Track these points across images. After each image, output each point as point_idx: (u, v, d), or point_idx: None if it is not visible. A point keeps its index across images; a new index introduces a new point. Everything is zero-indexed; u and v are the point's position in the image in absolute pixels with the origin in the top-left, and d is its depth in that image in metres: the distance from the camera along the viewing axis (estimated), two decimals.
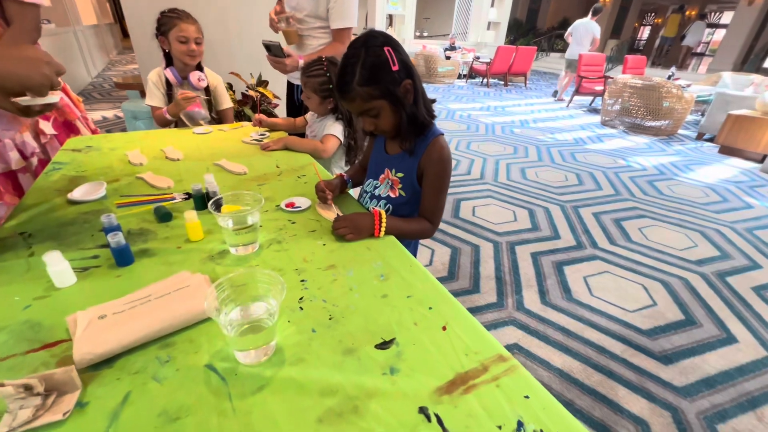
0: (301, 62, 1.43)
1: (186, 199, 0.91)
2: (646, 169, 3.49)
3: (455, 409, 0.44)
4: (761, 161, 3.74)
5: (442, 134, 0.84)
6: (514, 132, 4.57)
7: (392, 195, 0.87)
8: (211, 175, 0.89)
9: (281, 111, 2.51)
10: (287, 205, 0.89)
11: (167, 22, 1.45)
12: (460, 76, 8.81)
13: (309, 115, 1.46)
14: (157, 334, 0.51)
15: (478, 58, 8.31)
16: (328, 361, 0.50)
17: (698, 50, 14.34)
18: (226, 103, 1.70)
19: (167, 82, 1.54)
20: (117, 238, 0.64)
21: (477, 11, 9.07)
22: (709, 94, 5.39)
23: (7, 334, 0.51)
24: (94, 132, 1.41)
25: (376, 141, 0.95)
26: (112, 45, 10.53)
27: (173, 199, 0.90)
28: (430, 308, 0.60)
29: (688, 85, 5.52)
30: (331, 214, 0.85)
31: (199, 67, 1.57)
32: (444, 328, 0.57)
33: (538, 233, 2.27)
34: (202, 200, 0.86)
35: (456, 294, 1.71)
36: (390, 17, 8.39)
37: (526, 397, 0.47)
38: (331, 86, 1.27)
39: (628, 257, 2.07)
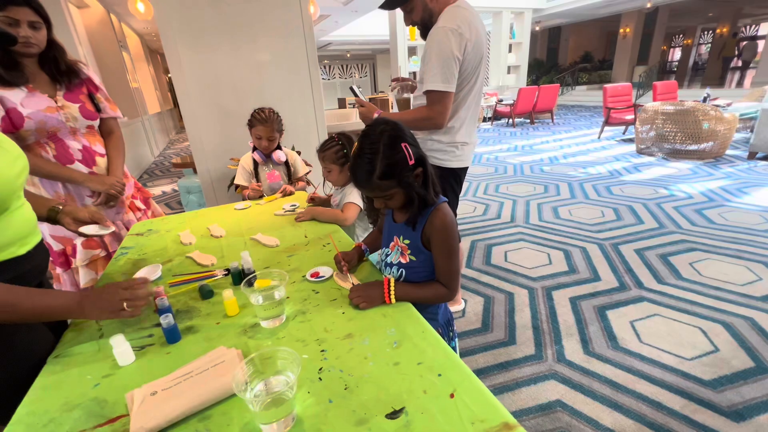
0: (376, 115, 1.48)
1: (225, 275, 1.03)
2: (692, 197, 3.29)
3: None
4: None
5: (445, 201, 0.91)
6: (543, 170, 4.54)
7: (403, 261, 0.93)
8: (247, 253, 1.01)
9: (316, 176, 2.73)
10: (312, 275, 0.99)
11: (252, 120, 1.84)
12: (485, 120, 9.03)
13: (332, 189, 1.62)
14: (197, 408, 0.59)
15: (500, 101, 8.53)
16: None
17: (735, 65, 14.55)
18: (301, 172, 2.05)
19: (254, 162, 1.92)
20: (167, 320, 0.75)
21: (495, 58, 9.47)
22: (756, 111, 5.09)
23: (80, 411, 0.61)
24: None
25: (387, 210, 1.04)
26: (171, 126, 12.06)
27: (215, 276, 1.03)
28: (439, 375, 0.64)
29: (729, 104, 5.27)
30: (347, 283, 0.93)
31: (278, 147, 1.95)
32: (452, 396, 0.60)
33: (576, 276, 2.18)
34: (239, 276, 0.98)
35: (491, 347, 1.67)
36: (414, 74, 8.98)
37: None
38: (345, 151, 1.42)
39: (680, 297, 1.92)
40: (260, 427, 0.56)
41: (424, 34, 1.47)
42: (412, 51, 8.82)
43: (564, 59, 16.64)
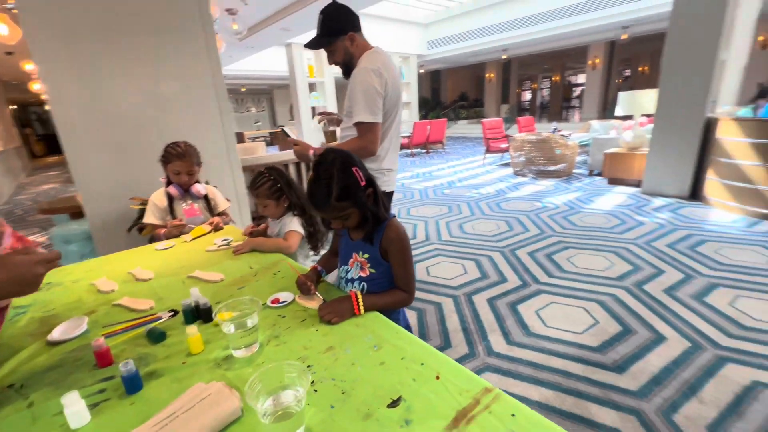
0: (311, 152, 1.54)
1: (172, 316, 0.95)
2: (558, 207, 4.08)
3: None
4: (639, 185, 4.60)
5: (394, 216, 1.03)
6: (444, 193, 5.09)
7: (363, 275, 1.01)
8: (196, 289, 0.96)
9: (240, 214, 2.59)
10: (273, 302, 0.98)
11: (167, 155, 1.71)
12: None
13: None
14: None
15: None
16: (352, 429, 0.59)
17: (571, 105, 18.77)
18: (222, 206, 1.92)
19: (169, 197, 1.76)
20: (128, 366, 0.68)
21: None
22: (588, 139, 6.63)
23: None
24: None
25: (343, 231, 1.11)
26: (20, 167, 9.91)
27: (159, 318, 0.94)
28: (422, 364, 0.73)
29: (569, 134, 6.75)
30: (314, 303, 0.96)
31: (197, 181, 1.82)
32: (437, 378, 0.69)
33: (488, 280, 2.51)
34: (191, 314, 0.92)
35: None
36: (313, 109, 9.22)
37: (513, 415, 0.60)
38: (279, 185, 1.46)
39: (566, 285, 2.37)
40: None
41: (346, 74, 1.63)
42: (312, 87, 9.10)
43: (445, 98, 19.06)
